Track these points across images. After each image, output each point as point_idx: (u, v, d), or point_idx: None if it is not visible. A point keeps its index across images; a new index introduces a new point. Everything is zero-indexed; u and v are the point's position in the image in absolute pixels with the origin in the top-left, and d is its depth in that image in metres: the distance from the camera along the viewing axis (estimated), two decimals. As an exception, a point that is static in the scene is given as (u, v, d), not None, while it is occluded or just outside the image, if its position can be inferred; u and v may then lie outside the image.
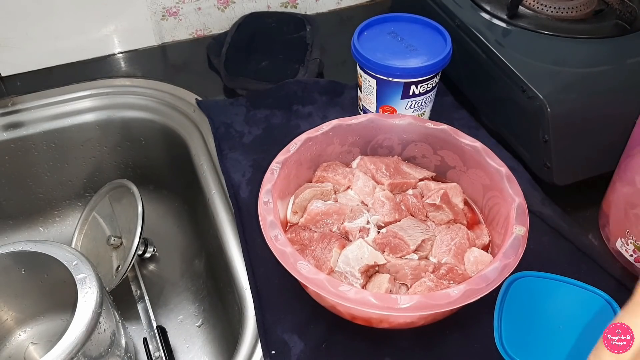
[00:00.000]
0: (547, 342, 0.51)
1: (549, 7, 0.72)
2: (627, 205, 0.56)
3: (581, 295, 0.54)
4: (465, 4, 0.75)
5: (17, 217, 0.84)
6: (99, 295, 0.53)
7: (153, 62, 0.87)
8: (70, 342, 0.50)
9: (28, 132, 0.78)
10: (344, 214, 0.57)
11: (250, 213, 0.62)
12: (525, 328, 0.52)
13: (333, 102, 0.77)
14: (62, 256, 0.56)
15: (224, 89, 0.81)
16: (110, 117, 0.80)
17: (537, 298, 0.54)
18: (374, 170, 0.61)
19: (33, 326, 0.69)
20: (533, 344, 0.51)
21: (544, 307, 0.54)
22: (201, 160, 0.71)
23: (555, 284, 0.55)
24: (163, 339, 0.68)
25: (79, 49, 0.85)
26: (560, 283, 0.55)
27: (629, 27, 0.69)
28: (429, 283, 0.51)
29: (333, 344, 0.52)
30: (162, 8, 0.86)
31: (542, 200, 0.63)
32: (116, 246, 0.76)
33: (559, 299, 0.54)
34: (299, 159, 0.59)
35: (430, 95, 0.67)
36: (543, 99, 0.60)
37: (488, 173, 0.57)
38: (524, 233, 0.50)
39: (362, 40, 0.67)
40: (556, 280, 0.55)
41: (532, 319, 0.53)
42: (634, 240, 0.56)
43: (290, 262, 0.48)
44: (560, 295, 0.55)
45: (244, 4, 0.90)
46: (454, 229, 0.56)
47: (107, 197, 0.80)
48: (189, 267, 0.81)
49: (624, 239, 0.57)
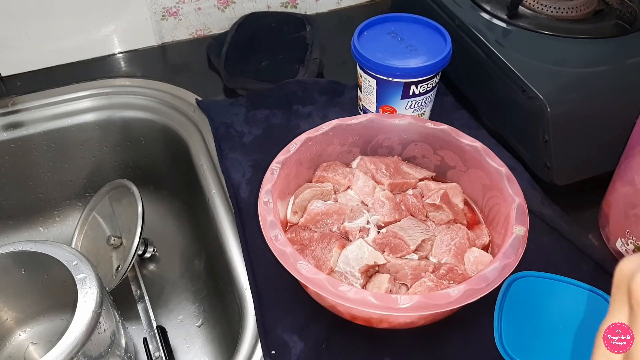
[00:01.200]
0: (547, 342, 0.51)
1: (549, 7, 0.72)
2: (627, 205, 0.56)
3: (581, 295, 0.54)
4: (465, 4, 0.75)
5: (17, 217, 0.84)
6: (99, 295, 0.53)
7: (153, 62, 0.87)
8: (70, 342, 0.50)
9: (28, 132, 0.78)
10: (344, 214, 0.57)
11: (250, 213, 0.62)
12: (525, 328, 0.52)
13: (333, 102, 0.77)
14: (62, 256, 0.56)
15: (224, 89, 0.81)
16: (110, 117, 0.80)
17: (537, 298, 0.54)
18: (374, 170, 0.61)
19: (33, 326, 0.69)
20: (533, 344, 0.51)
21: (544, 307, 0.54)
22: (201, 160, 0.71)
23: (556, 284, 0.55)
24: (163, 339, 0.68)
25: (79, 49, 0.85)
26: (560, 283, 0.55)
27: (629, 27, 0.69)
28: (429, 283, 0.51)
29: (333, 344, 0.52)
30: (162, 8, 0.86)
31: (542, 200, 0.63)
32: (116, 246, 0.76)
33: (559, 299, 0.54)
34: (299, 159, 0.59)
35: (430, 95, 0.67)
36: (543, 99, 0.60)
37: (488, 173, 0.57)
38: (524, 233, 0.50)
39: (362, 40, 0.67)
40: (556, 280, 0.55)
41: (532, 319, 0.53)
42: (634, 241, 0.56)
43: (290, 262, 0.48)
44: (560, 295, 0.55)
45: (244, 4, 0.90)
46: (454, 229, 0.56)
47: (107, 197, 0.80)
48: (189, 267, 0.81)
49: (624, 239, 0.57)
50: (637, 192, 0.54)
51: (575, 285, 0.55)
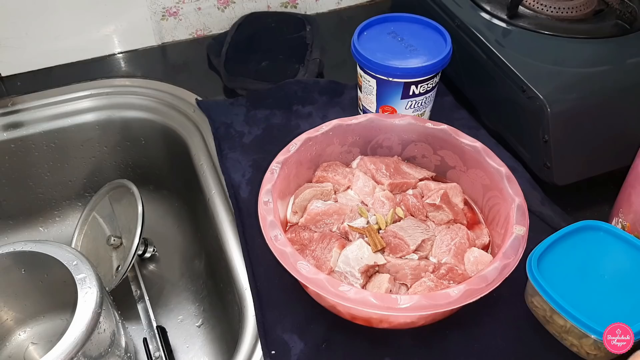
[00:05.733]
0: (577, 281, 0.50)
1: (549, 7, 0.72)
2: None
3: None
4: (465, 4, 0.75)
5: (17, 217, 0.84)
6: (99, 295, 0.53)
7: (153, 62, 0.87)
8: (70, 342, 0.50)
9: (28, 132, 0.78)
10: (344, 214, 0.57)
11: (250, 213, 0.62)
12: (563, 265, 0.51)
13: (333, 102, 0.77)
14: (62, 256, 0.56)
15: (224, 89, 0.81)
16: (110, 117, 0.80)
17: (594, 251, 0.53)
18: (374, 170, 0.61)
19: (33, 326, 0.69)
20: (562, 278, 0.50)
21: (596, 259, 0.52)
22: (201, 160, 0.71)
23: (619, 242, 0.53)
24: (163, 339, 0.68)
25: (79, 49, 0.85)
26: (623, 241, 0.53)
27: (629, 27, 0.69)
28: (429, 283, 0.51)
29: (333, 344, 0.52)
30: (162, 8, 0.86)
31: (542, 200, 0.63)
32: (116, 246, 0.76)
33: (615, 254, 0.53)
34: (299, 159, 0.59)
35: (430, 95, 0.67)
36: (543, 99, 0.60)
37: (488, 173, 0.57)
38: (524, 233, 0.50)
39: (362, 40, 0.67)
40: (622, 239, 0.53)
41: (575, 263, 0.52)
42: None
43: (290, 262, 0.48)
44: (618, 251, 0.53)
45: (244, 4, 0.90)
46: (454, 229, 0.56)
47: (107, 197, 0.80)
48: (189, 267, 0.81)
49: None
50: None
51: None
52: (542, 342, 0.52)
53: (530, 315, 0.54)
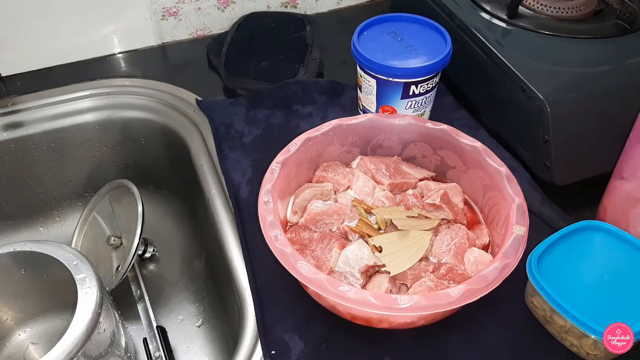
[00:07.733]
0: (577, 281, 0.50)
1: (549, 7, 0.72)
2: (626, 204, 0.56)
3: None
4: (465, 4, 0.75)
5: (17, 217, 0.84)
6: (99, 295, 0.53)
7: (153, 62, 0.87)
8: (70, 342, 0.50)
9: (28, 132, 0.78)
10: (344, 214, 0.57)
11: (250, 213, 0.62)
12: (563, 265, 0.51)
13: (333, 102, 0.77)
14: (62, 256, 0.56)
15: (224, 89, 0.81)
16: (110, 117, 0.80)
17: (594, 251, 0.53)
18: (374, 170, 0.61)
19: (33, 326, 0.69)
20: (562, 278, 0.50)
21: (596, 259, 0.52)
22: (201, 160, 0.71)
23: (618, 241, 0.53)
24: (163, 339, 0.68)
25: (79, 49, 0.85)
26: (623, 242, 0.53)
27: (629, 27, 0.69)
28: (429, 283, 0.51)
29: (333, 344, 0.52)
30: (162, 8, 0.86)
31: (542, 200, 0.63)
32: (116, 246, 0.76)
33: (615, 254, 0.53)
34: (299, 159, 0.59)
35: (430, 95, 0.67)
36: (543, 99, 0.60)
37: (488, 173, 0.57)
38: (524, 233, 0.50)
39: (362, 40, 0.67)
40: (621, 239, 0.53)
41: (575, 263, 0.52)
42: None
43: (290, 262, 0.48)
44: (618, 251, 0.53)
45: (244, 4, 0.90)
46: (454, 229, 0.56)
47: (107, 197, 0.80)
48: (189, 267, 0.81)
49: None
50: (635, 191, 0.54)
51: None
52: (542, 342, 0.52)
53: (530, 315, 0.54)
